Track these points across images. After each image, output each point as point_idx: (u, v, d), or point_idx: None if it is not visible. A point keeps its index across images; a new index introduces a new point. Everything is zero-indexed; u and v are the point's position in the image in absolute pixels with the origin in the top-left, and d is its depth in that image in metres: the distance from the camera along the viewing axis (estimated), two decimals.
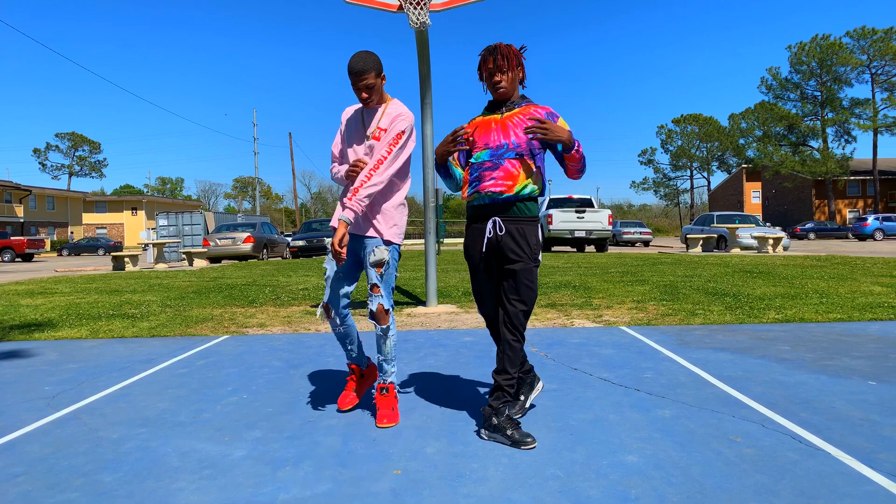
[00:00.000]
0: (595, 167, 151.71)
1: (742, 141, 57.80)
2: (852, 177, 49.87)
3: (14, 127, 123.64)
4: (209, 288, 9.80)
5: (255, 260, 20.60)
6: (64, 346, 5.09)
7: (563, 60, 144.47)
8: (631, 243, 33.92)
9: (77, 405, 3.32)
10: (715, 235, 20.10)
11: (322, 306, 2.96)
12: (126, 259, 16.77)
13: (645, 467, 2.29)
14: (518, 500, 2.05)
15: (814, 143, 50.61)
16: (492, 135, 2.70)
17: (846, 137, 48.84)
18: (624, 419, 2.86)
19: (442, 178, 2.89)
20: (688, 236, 19.62)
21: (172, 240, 21.83)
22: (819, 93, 49.34)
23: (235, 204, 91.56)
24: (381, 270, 2.87)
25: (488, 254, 2.74)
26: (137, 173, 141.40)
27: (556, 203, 20.50)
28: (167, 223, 23.34)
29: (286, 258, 22.70)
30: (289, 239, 24.37)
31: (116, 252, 27.72)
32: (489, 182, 2.67)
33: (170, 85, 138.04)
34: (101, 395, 3.50)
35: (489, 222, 2.69)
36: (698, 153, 69.29)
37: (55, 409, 3.24)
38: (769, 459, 2.33)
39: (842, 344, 4.42)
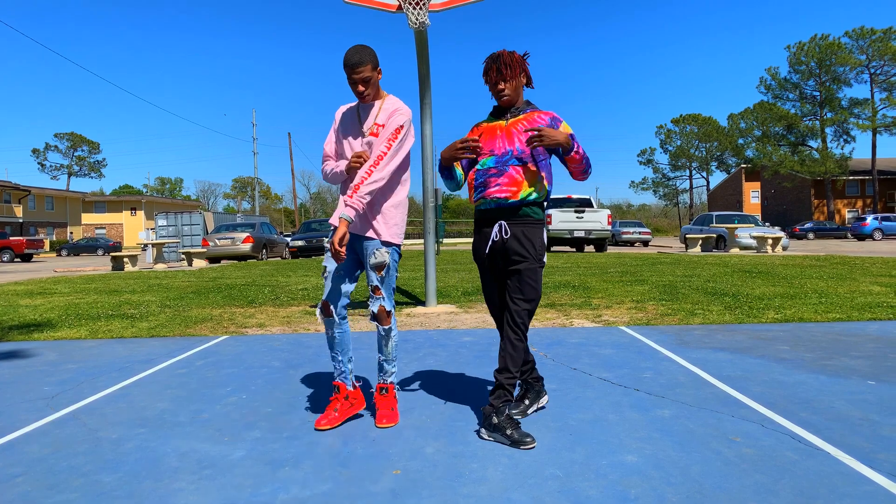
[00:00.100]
0: (594, 167, 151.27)
1: (741, 141, 57.84)
2: (851, 177, 49.92)
3: (13, 127, 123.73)
4: (208, 288, 9.80)
5: (255, 260, 20.60)
6: (63, 347, 5.09)
7: (563, 60, 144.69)
8: (630, 243, 33.93)
9: (76, 405, 3.31)
10: (714, 235, 20.11)
11: (321, 305, 2.90)
12: (125, 259, 16.77)
13: (644, 467, 2.29)
14: (518, 500, 2.05)
15: (813, 143, 50.66)
16: (497, 141, 2.73)
17: (845, 137, 48.88)
18: (623, 419, 2.86)
19: (443, 179, 2.91)
20: (687, 236, 19.64)
21: (171, 240, 21.82)
22: (818, 93, 49.38)
23: (235, 204, 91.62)
24: (382, 273, 2.85)
25: (495, 256, 2.78)
26: (136, 173, 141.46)
27: (556, 203, 20.49)
28: (166, 223, 23.34)
29: (285, 258, 22.70)
30: (288, 239, 24.36)
31: (115, 252, 27.71)
32: (494, 188, 2.71)
33: (169, 85, 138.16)
34: (101, 396, 3.50)
35: (495, 226, 2.74)
36: (697, 153, 69.32)
37: (54, 410, 3.24)
38: (768, 459, 2.34)
39: (841, 344, 4.43)
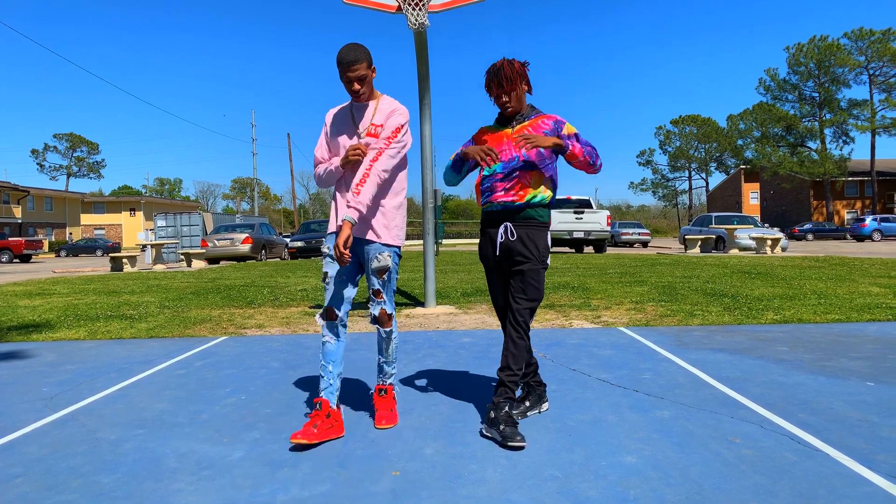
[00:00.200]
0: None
1: (740, 142, 57.86)
2: (850, 178, 49.93)
3: (12, 127, 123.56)
4: (207, 289, 9.80)
5: (254, 261, 20.59)
6: (62, 348, 5.08)
7: (562, 59, 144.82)
8: (629, 244, 33.94)
9: (75, 406, 3.31)
10: (713, 236, 20.12)
11: (324, 312, 2.81)
12: (124, 260, 16.76)
13: (643, 468, 2.29)
14: (517, 501, 2.05)
15: (812, 144, 50.68)
16: (503, 148, 2.80)
17: (844, 138, 48.89)
18: (622, 420, 2.86)
19: (452, 169, 2.94)
20: (686, 237, 19.66)
21: (171, 240, 21.81)
22: (817, 94, 49.40)
23: (234, 205, 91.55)
24: (385, 276, 2.82)
25: (500, 257, 2.83)
26: (136, 174, 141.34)
27: (555, 204, 20.50)
28: (165, 224, 23.33)
29: (285, 259, 22.70)
30: (287, 240, 24.36)
31: (114, 253, 27.68)
32: (501, 193, 2.78)
33: (168, 86, 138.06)
34: (100, 396, 3.50)
35: (501, 227, 2.80)
36: (696, 154, 69.30)
37: (53, 411, 3.24)
38: (768, 460, 2.34)
39: (840, 345, 4.43)
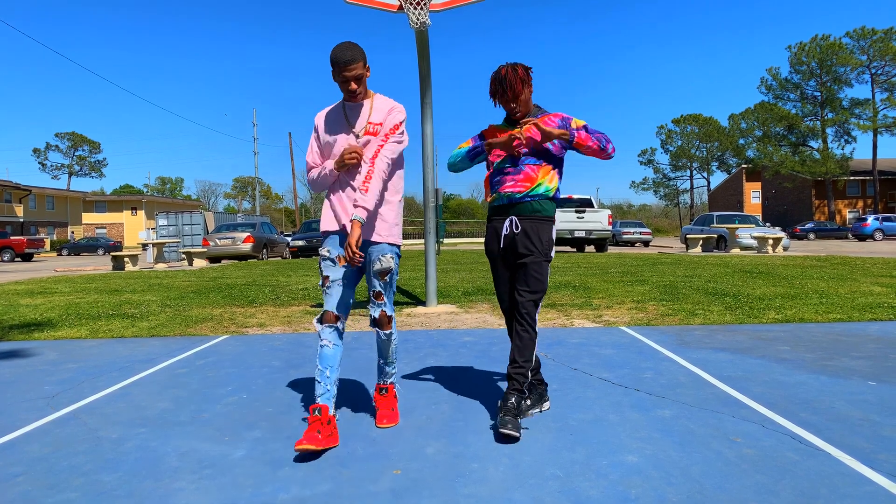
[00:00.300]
0: (594, 167, 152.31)
1: (742, 141, 57.76)
2: (852, 177, 49.86)
3: (14, 127, 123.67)
4: (209, 288, 9.80)
5: (255, 260, 20.60)
6: (63, 346, 5.09)
7: (562, 59, 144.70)
8: (631, 243, 33.91)
9: (77, 405, 3.32)
10: (715, 235, 20.11)
11: (324, 316, 2.72)
12: (126, 259, 16.77)
13: (645, 467, 2.29)
14: (518, 500, 2.05)
15: (814, 144, 50.61)
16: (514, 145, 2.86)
17: (846, 138, 48.83)
18: (624, 419, 2.86)
19: (466, 154, 3.01)
20: (688, 236, 19.64)
21: (172, 240, 21.83)
22: (819, 93, 49.33)
23: (235, 204, 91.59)
24: (387, 278, 2.79)
25: (505, 250, 2.90)
26: (137, 173, 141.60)
27: (556, 203, 20.51)
28: (167, 223, 23.34)
29: (286, 258, 22.71)
30: (288, 239, 24.38)
31: (116, 252, 27.71)
32: (510, 184, 2.87)
33: (170, 85, 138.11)
34: (101, 395, 3.50)
35: (506, 220, 2.88)
36: (698, 153, 69.25)
37: (55, 409, 3.24)
38: (769, 460, 2.33)
39: (841, 344, 4.42)
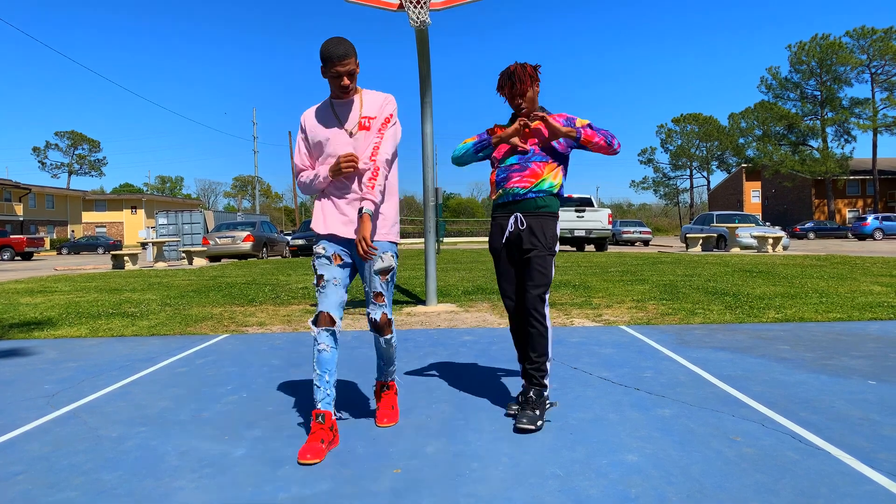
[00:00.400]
0: (594, 167, 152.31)
1: (742, 140, 57.74)
2: (852, 176, 49.85)
3: (13, 125, 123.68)
4: (209, 287, 9.80)
5: (255, 259, 20.60)
6: (63, 345, 5.09)
7: (562, 58, 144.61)
8: (631, 242, 33.90)
9: (77, 404, 3.31)
10: (714, 235, 20.10)
11: (319, 318, 2.63)
12: (125, 258, 16.77)
13: (645, 466, 2.29)
14: (518, 499, 2.05)
15: (813, 143, 50.59)
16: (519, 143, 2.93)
17: (846, 137, 48.83)
18: (624, 418, 2.86)
19: (472, 148, 3.05)
20: (687, 236, 19.64)
21: (172, 238, 21.84)
22: (819, 92, 49.31)
23: (235, 203, 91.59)
24: (388, 277, 2.71)
25: (510, 247, 2.96)
26: (137, 172, 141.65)
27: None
28: (167, 222, 23.35)
29: (286, 257, 22.71)
30: (288, 238, 24.38)
31: (116, 251, 27.71)
32: (516, 180, 2.92)
33: (170, 83, 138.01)
34: (101, 394, 3.50)
35: (511, 217, 2.93)
36: (698, 152, 69.21)
37: (55, 408, 3.24)
38: (769, 459, 2.33)
39: (841, 343, 4.42)
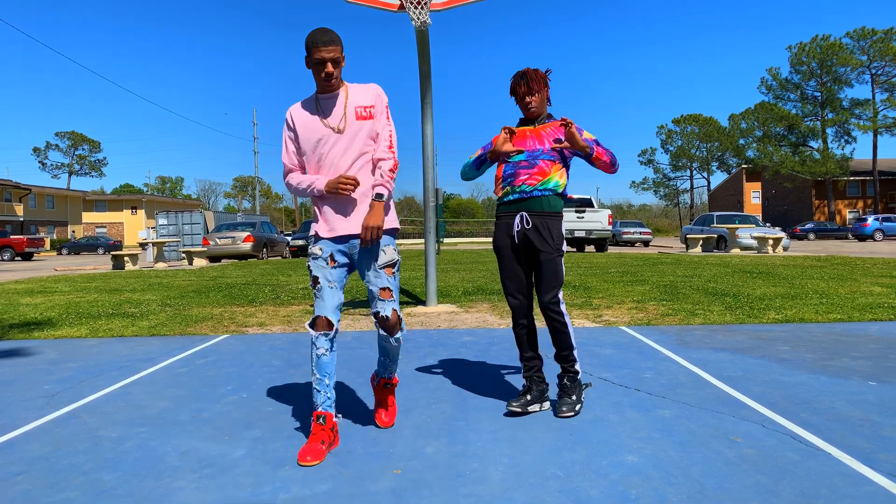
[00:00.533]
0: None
1: (742, 141, 57.73)
2: (852, 177, 49.84)
3: (14, 126, 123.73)
4: (209, 287, 9.80)
5: (255, 259, 20.60)
6: (63, 345, 5.08)
7: (562, 58, 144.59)
8: (631, 243, 33.91)
9: (77, 404, 3.31)
10: (715, 235, 20.10)
11: (316, 322, 2.58)
12: (126, 258, 16.77)
13: (645, 467, 2.29)
14: (518, 500, 2.05)
15: (814, 144, 50.59)
16: (527, 141, 3.03)
17: (846, 138, 48.81)
18: (624, 419, 2.86)
19: (472, 163, 3.14)
20: (688, 236, 19.63)
21: (172, 239, 21.84)
22: (819, 93, 49.31)
23: (235, 203, 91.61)
24: (394, 270, 2.64)
25: (515, 246, 3.01)
26: (137, 172, 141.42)
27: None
28: (167, 222, 23.35)
29: (286, 257, 22.71)
30: (288, 238, 24.39)
31: (116, 251, 27.71)
32: (524, 177, 2.97)
33: (170, 84, 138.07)
34: (101, 394, 3.50)
35: (517, 216, 2.98)
36: (698, 153, 69.21)
37: (55, 408, 3.24)
38: (769, 460, 2.33)
39: (842, 344, 4.42)
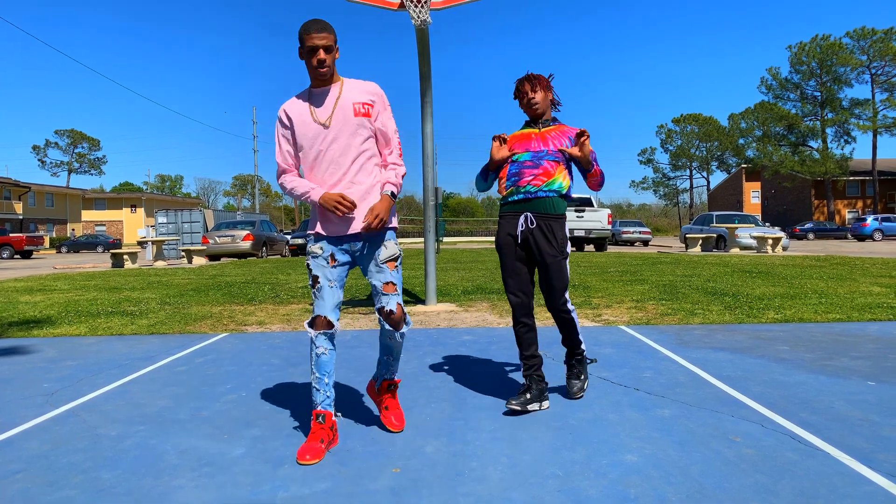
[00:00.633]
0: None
1: (742, 141, 57.75)
2: (851, 177, 49.86)
3: (13, 124, 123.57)
4: (208, 286, 9.80)
5: (255, 258, 20.59)
6: (63, 344, 5.08)
7: (561, 58, 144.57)
8: (630, 243, 33.91)
9: (76, 402, 3.31)
10: (714, 235, 20.09)
11: (315, 321, 2.56)
12: (125, 256, 16.76)
13: (644, 467, 2.29)
14: (517, 500, 2.05)
15: (813, 144, 50.60)
16: (532, 142, 3.05)
17: (846, 138, 48.82)
18: (623, 418, 2.86)
19: (480, 176, 3.16)
20: (687, 236, 19.63)
21: (171, 237, 21.82)
22: (819, 93, 49.32)
23: (235, 202, 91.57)
24: (396, 264, 2.62)
25: (518, 246, 3.04)
26: (137, 170, 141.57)
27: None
28: (166, 221, 23.34)
29: (285, 256, 22.70)
30: (288, 237, 24.37)
31: (115, 249, 27.68)
32: (529, 178, 2.99)
33: (170, 82, 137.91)
34: (100, 393, 3.50)
35: (521, 217, 3.00)
36: (698, 153, 69.22)
37: (54, 406, 3.24)
38: (769, 459, 2.33)
39: (841, 344, 4.42)
